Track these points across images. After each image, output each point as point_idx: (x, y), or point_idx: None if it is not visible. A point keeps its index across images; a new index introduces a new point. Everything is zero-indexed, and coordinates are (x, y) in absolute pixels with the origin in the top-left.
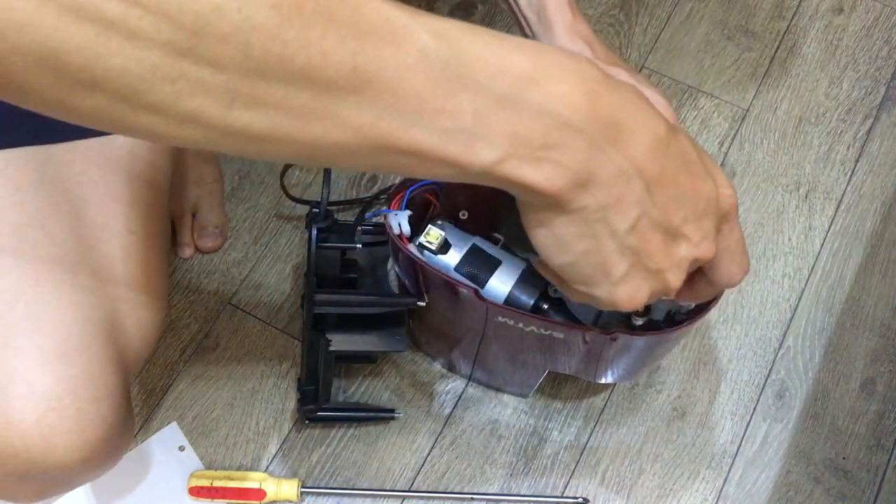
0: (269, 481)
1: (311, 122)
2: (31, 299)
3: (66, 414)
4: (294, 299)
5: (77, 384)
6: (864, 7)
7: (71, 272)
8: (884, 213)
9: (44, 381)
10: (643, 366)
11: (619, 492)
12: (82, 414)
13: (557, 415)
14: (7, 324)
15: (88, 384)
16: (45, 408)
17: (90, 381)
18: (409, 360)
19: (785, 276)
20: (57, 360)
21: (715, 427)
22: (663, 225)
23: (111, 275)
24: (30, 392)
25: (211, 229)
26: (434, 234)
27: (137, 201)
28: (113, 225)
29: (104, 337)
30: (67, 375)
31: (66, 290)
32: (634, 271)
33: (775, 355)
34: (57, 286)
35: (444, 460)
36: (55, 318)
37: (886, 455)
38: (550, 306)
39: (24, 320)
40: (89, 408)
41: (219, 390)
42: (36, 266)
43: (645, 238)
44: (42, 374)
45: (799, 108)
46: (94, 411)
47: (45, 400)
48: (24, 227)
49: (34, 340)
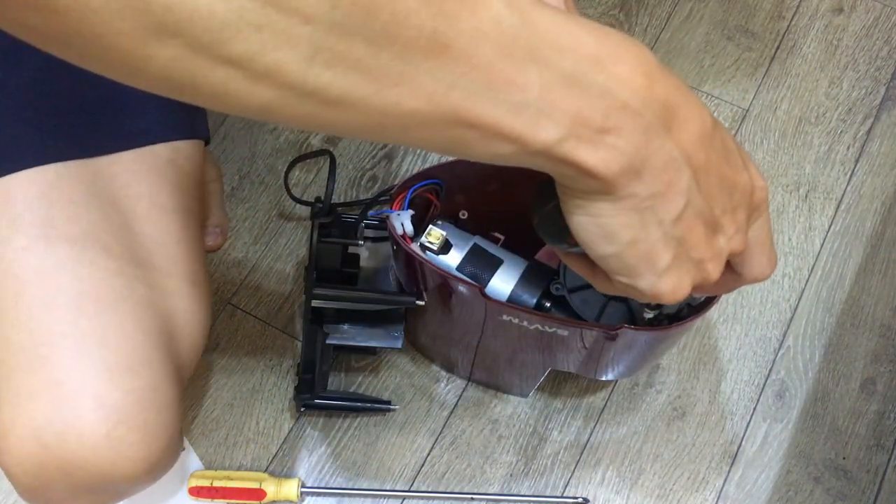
0: (269, 481)
1: (386, 87)
2: (92, 314)
3: (133, 426)
4: (294, 299)
5: (143, 396)
6: (864, 7)
7: (128, 285)
8: (884, 213)
9: (112, 394)
10: (644, 362)
11: (619, 492)
12: (148, 426)
13: (557, 414)
14: (72, 339)
15: (153, 396)
16: (115, 420)
17: (154, 392)
18: (409, 360)
19: (785, 276)
20: (123, 374)
21: (715, 427)
22: (706, 215)
23: (164, 287)
24: (99, 405)
25: (211, 229)
26: (435, 234)
27: (181, 211)
28: (161, 236)
29: (164, 348)
30: (134, 388)
31: (125, 304)
32: (679, 262)
33: (775, 355)
34: (117, 300)
35: (444, 460)
36: (118, 331)
37: (886, 455)
38: (553, 304)
39: (88, 336)
40: (155, 419)
41: (219, 390)
42: (95, 280)
43: (689, 228)
44: (110, 387)
45: (799, 108)
46: (159, 422)
47: (114, 413)
48: (81, 241)
49: (100, 355)
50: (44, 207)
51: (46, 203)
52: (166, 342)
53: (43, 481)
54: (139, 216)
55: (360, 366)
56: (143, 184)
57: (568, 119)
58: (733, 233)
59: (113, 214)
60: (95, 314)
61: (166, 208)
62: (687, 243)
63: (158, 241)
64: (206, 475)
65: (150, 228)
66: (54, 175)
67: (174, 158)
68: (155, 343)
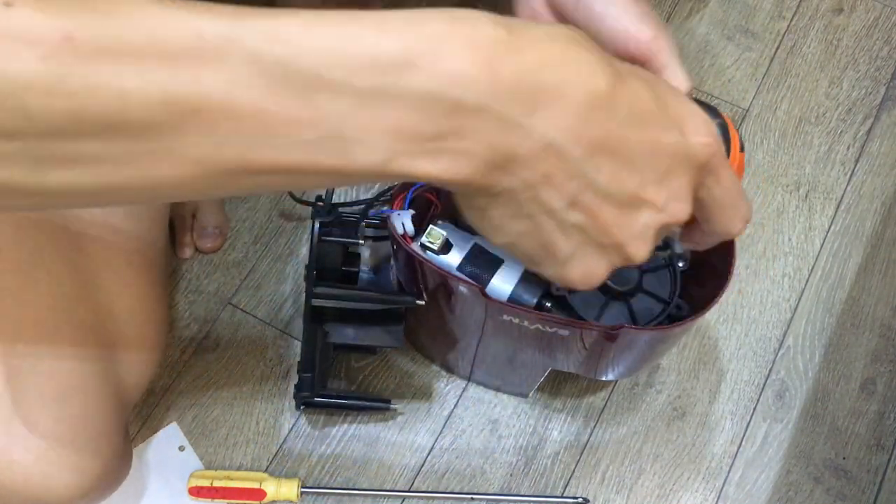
0: (269, 481)
1: (142, 167)
2: (30, 339)
3: (64, 453)
4: (294, 299)
5: (75, 423)
6: (864, 7)
7: (70, 310)
8: (884, 213)
9: (43, 421)
10: (644, 362)
11: (619, 492)
12: (80, 453)
13: (557, 415)
14: (8, 365)
15: (87, 423)
16: (45, 447)
17: (88, 420)
18: (409, 360)
19: (785, 276)
20: (55, 401)
21: (715, 427)
22: (615, 195)
23: (110, 311)
24: (30, 432)
25: (211, 230)
26: (436, 234)
27: (136, 234)
28: (113, 258)
29: (102, 375)
30: (66, 416)
31: (65, 330)
32: (584, 249)
33: (775, 355)
34: (56, 326)
35: (444, 460)
36: (55, 357)
37: (886, 455)
38: (553, 304)
39: (24, 360)
40: (87, 446)
41: (219, 390)
42: (36, 305)
43: (591, 213)
44: (41, 414)
45: (799, 108)
46: (92, 449)
47: (44, 439)
48: (25, 265)
49: (34, 381)
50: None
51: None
52: (106, 367)
53: None
54: (90, 237)
55: (361, 365)
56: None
57: (386, 139)
58: (664, 202)
59: (62, 237)
60: (33, 339)
61: (120, 230)
62: (591, 229)
63: (110, 263)
64: (206, 475)
65: (102, 251)
66: None
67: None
68: (91, 369)
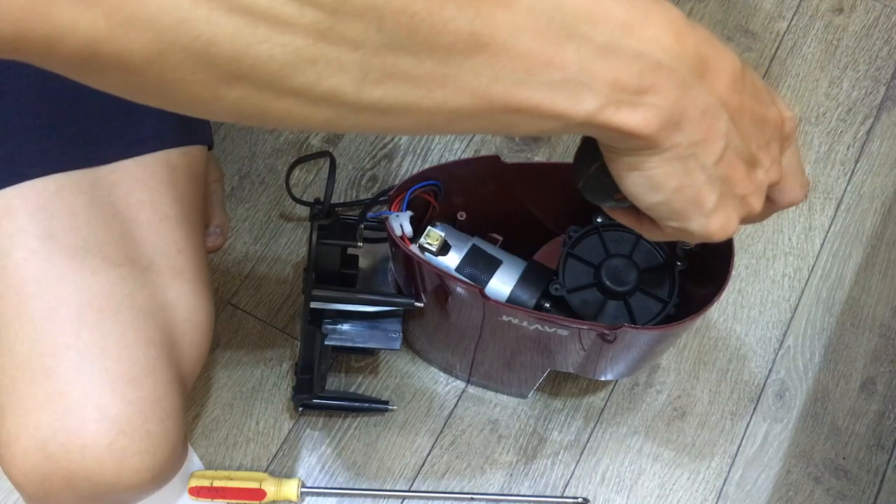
0: (269, 481)
1: (433, 90)
2: (94, 325)
3: (136, 436)
4: (294, 299)
5: (145, 406)
6: (864, 7)
7: (130, 295)
8: (884, 213)
9: (115, 405)
10: (643, 362)
11: (619, 492)
12: (151, 435)
13: (557, 415)
14: (75, 350)
15: (156, 406)
16: (118, 431)
17: (157, 402)
18: (409, 360)
19: (785, 276)
20: (126, 384)
21: (715, 427)
22: (744, 153)
23: (166, 296)
24: (102, 416)
25: (211, 229)
26: (434, 235)
27: (183, 218)
28: (163, 245)
29: (166, 358)
30: (136, 398)
31: (127, 314)
32: (724, 200)
33: (775, 355)
34: (118, 310)
35: (444, 460)
36: (120, 342)
37: (886, 455)
38: (552, 304)
39: (91, 346)
40: (157, 429)
41: (219, 390)
42: (97, 291)
43: (731, 167)
44: (113, 398)
45: (799, 108)
46: (162, 432)
47: (117, 423)
48: (82, 251)
49: (103, 365)
50: (45, 219)
51: (47, 214)
52: (168, 351)
53: (47, 491)
54: (140, 224)
55: (360, 366)
56: (144, 192)
57: (606, 87)
58: (769, 165)
59: (114, 224)
60: (97, 325)
61: (168, 216)
62: (730, 182)
63: (160, 249)
64: (206, 475)
65: (152, 237)
66: (55, 186)
67: (176, 165)
68: (157, 353)
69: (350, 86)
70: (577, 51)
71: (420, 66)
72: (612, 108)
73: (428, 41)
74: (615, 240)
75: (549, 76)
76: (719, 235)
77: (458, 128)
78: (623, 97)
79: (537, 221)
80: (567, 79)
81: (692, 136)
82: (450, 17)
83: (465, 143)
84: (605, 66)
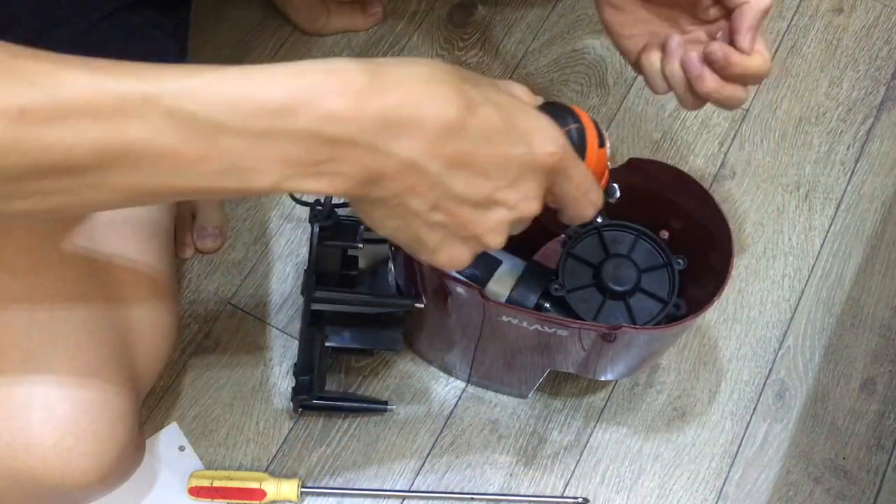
0: (269, 481)
1: (86, 195)
2: (45, 323)
3: (82, 437)
4: (294, 299)
5: (93, 407)
6: (864, 7)
7: (84, 294)
8: (884, 213)
9: (61, 405)
10: (643, 363)
11: (619, 492)
12: (98, 436)
13: (557, 415)
14: (24, 349)
15: (104, 407)
16: (63, 431)
17: (105, 403)
18: (409, 360)
19: (785, 276)
20: (73, 384)
21: (715, 427)
22: (470, 198)
23: (123, 296)
24: (48, 416)
25: (210, 230)
26: None
27: (146, 221)
28: (124, 245)
29: (117, 359)
30: (83, 399)
31: (79, 314)
32: (448, 240)
33: (775, 355)
34: (70, 310)
35: (444, 460)
36: (70, 342)
37: (886, 455)
38: (552, 305)
39: (40, 345)
40: (105, 430)
41: (219, 390)
42: (50, 289)
43: (451, 213)
44: (59, 398)
45: (799, 108)
46: (110, 433)
47: (62, 423)
48: (38, 250)
49: (51, 365)
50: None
51: None
52: (121, 353)
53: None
54: (101, 224)
55: (360, 366)
56: None
57: (277, 167)
58: (517, 201)
59: (73, 223)
60: (47, 324)
61: (130, 218)
62: (452, 225)
63: (120, 249)
64: (206, 475)
65: (113, 237)
66: None
67: None
68: (108, 354)
69: None
70: (232, 142)
71: (59, 183)
72: (293, 179)
73: (58, 166)
74: (615, 240)
75: (208, 168)
76: (448, 267)
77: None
78: (300, 171)
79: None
80: (228, 168)
81: (393, 189)
82: (71, 143)
83: None
84: (268, 150)
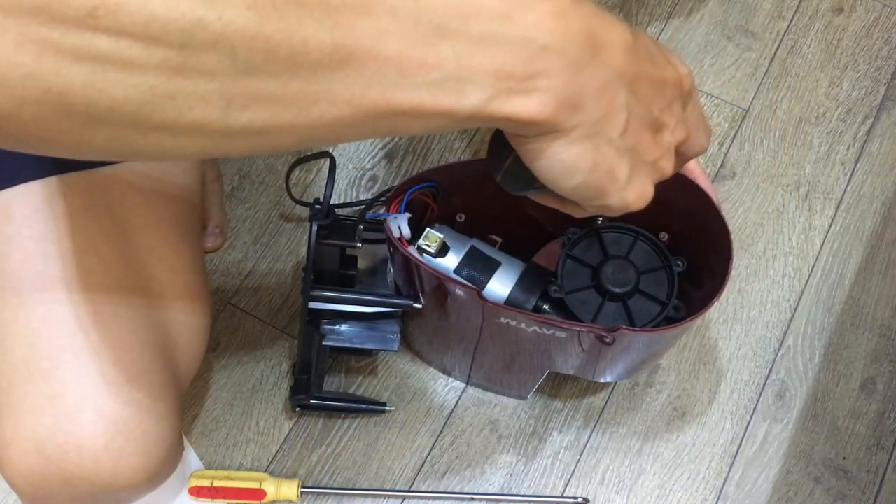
0: (269, 481)
1: (305, 107)
2: (91, 327)
3: (132, 437)
4: (294, 299)
5: (141, 408)
6: (864, 7)
7: (125, 297)
8: (884, 213)
9: (111, 406)
10: (643, 364)
11: (619, 492)
12: (148, 436)
13: (557, 415)
14: (72, 353)
15: (151, 406)
16: (114, 432)
17: (153, 403)
18: (408, 360)
19: (785, 276)
20: (122, 386)
21: (715, 427)
22: (648, 120)
23: (162, 297)
24: (99, 417)
25: (211, 229)
26: (432, 237)
27: (179, 221)
28: (159, 247)
29: (162, 359)
30: (132, 400)
31: (122, 316)
32: (637, 169)
33: (775, 355)
34: (114, 312)
35: (444, 460)
36: (116, 344)
37: (886, 455)
38: (551, 306)
39: (87, 348)
40: (153, 429)
41: (219, 390)
42: (92, 293)
43: (637, 136)
44: (109, 399)
45: (799, 108)
46: (158, 432)
47: (113, 424)
48: (79, 254)
49: (99, 368)
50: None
51: (43, 217)
52: (164, 352)
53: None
54: (136, 227)
55: (360, 366)
56: (139, 195)
57: (490, 78)
58: (675, 125)
59: (110, 227)
60: (93, 327)
61: (164, 219)
62: (639, 150)
63: (156, 252)
64: (206, 475)
65: (148, 239)
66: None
67: (170, 169)
68: (152, 354)
69: (215, 114)
70: (451, 47)
71: (286, 86)
72: (501, 98)
73: (289, 62)
74: (614, 241)
75: (426, 76)
76: (637, 204)
77: (346, 137)
78: (512, 85)
79: (536, 223)
80: (446, 76)
81: (594, 113)
82: (308, 34)
83: (466, 143)
84: (485, 57)
